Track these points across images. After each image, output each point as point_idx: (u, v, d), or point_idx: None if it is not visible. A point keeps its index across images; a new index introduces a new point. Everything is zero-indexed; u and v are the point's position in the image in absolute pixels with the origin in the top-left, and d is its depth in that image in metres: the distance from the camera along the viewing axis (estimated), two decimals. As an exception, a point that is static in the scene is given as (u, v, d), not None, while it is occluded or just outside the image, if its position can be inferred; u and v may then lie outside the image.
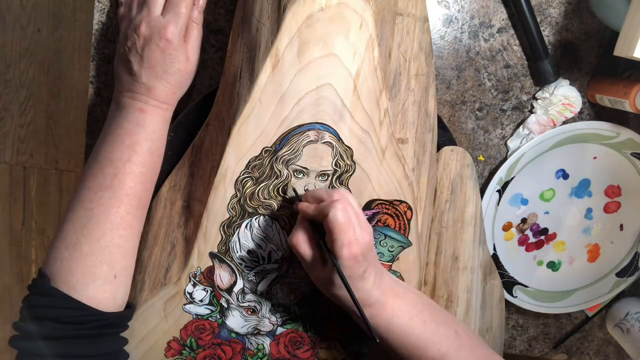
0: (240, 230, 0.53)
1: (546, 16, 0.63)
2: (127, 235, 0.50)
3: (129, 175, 0.50)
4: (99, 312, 0.48)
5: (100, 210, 0.49)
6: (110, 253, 0.49)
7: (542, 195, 0.69)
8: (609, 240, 0.73)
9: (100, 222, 0.49)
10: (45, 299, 0.47)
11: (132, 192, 0.50)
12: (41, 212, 1.58)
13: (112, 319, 0.49)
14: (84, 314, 0.47)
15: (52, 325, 0.46)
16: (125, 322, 0.52)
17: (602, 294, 0.73)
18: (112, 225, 0.49)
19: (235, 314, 0.56)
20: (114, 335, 0.51)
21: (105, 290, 0.49)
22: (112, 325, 0.50)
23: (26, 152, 1.55)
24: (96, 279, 0.48)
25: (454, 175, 0.60)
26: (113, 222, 0.49)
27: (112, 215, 0.49)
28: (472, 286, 0.61)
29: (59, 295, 0.47)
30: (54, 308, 0.47)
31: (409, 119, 0.54)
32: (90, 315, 0.48)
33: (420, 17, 0.53)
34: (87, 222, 0.49)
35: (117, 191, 0.50)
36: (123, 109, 0.52)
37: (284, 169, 0.51)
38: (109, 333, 0.50)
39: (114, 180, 0.50)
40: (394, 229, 0.55)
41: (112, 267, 0.49)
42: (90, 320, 0.48)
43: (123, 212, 0.50)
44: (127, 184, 0.50)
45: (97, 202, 0.49)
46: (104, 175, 0.50)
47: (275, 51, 0.47)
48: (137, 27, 0.51)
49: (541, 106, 0.64)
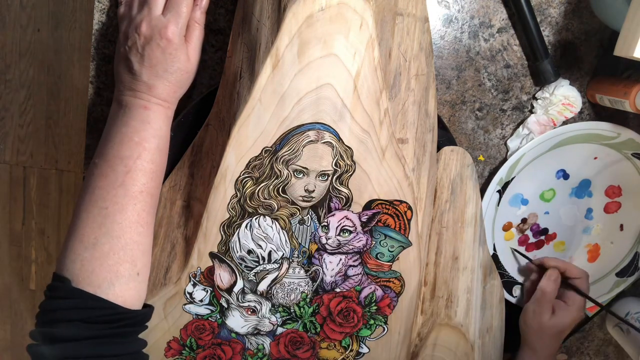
0: (240, 230, 0.53)
1: (546, 16, 0.63)
2: (145, 231, 0.50)
3: (141, 172, 0.50)
4: (128, 311, 0.48)
5: (116, 209, 0.49)
6: (132, 250, 0.49)
7: (542, 196, 0.69)
8: (609, 240, 0.73)
9: (117, 220, 0.49)
10: (71, 301, 0.46)
11: (146, 189, 0.50)
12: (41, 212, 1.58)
13: (139, 317, 0.50)
14: (113, 313, 0.47)
15: (82, 326, 0.46)
16: (147, 321, 0.52)
17: (602, 294, 0.73)
18: (129, 222, 0.49)
19: (235, 314, 0.56)
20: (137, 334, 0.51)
21: (130, 288, 0.49)
22: (138, 323, 0.50)
23: (26, 152, 1.55)
24: (120, 277, 0.48)
25: (454, 176, 0.60)
26: (130, 219, 0.49)
27: (129, 212, 0.49)
28: (472, 286, 0.61)
29: (85, 295, 0.47)
30: (82, 309, 0.46)
31: (409, 119, 0.54)
32: (120, 314, 0.47)
33: (420, 17, 0.53)
34: (104, 220, 0.48)
35: (131, 188, 0.49)
36: (126, 107, 0.52)
37: (284, 169, 0.51)
38: (136, 332, 0.50)
39: (126, 177, 0.49)
40: (394, 229, 0.55)
41: (134, 265, 0.49)
42: (120, 319, 0.47)
43: (139, 209, 0.50)
44: (140, 180, 0.50)
45: (112, 200, 0.49)
46: (116, 173, 0.49)
47: (275, 51, 0.47)
48: (138, 26, 0.51)
49: (541, 106, 0.64)
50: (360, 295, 0.57)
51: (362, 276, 0.56)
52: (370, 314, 0.58)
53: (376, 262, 0.56)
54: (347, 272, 0.56)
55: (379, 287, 0.57)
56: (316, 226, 0.54)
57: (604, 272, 0.74)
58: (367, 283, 0.57)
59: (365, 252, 0.55)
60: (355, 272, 0.56)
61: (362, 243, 0.55)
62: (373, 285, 0.57)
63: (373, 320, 0.58)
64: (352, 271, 0.56)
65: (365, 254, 0.55)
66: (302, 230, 0.54)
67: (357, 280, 0.56)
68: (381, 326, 0.59)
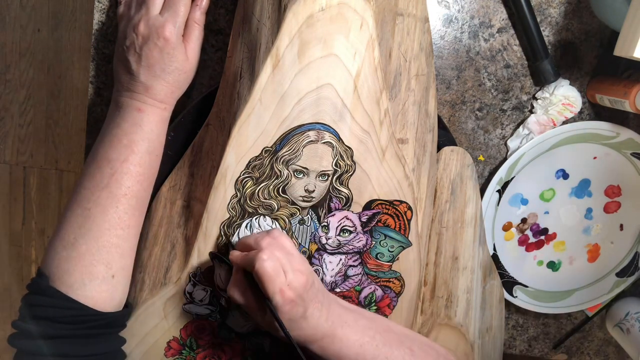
0: (240, 230, 0.53)
1: (546, 16, 0.63)
2: (125, 235, 0.50)
3: (126, 175, 0.50)
4: (96, 312, 0.48)
5: (98, 210, 0.49)
6: (108, 253, 0.49)
7: (542, 195, 0.69)
8: (609, 240, 0.73)
9: (97, 221, 0.49)
10: (43, 298, 0.47)
11: (130, 192, 0.50)
12: (41, 212, 1.58)
13: (109, 319, 0.49)
14: (81, 314, 0.47)
15: (50, 325, 0.46)
16: (123, 322, 0.52)
17: (602, 294, 0.73)
18: (109, 225, 0.49)
19: (235, 314, 0.56)
20: (112, 335, 0.51)
21: (103, 290, 0.49)
22: (109, 325, 0.50)
23: (26, 152, 1.55)
24: (93, 279, 0.48)
25: (454, 176, 0.60)
26: (111, 221, 0.49)
27: (110, 215, 0.49)
28: (472, 286, 0.61)
29: (57, 294, 0.47)
30: (51, 307, 0.47)
31: (409, 119, 0.54)
32: (87, 315, 0.48)
33: (420, 17, 0.53)
34: (85, 221, 0.49)
35: (115, 191, 0.50)
36: (121, 108, 0.52)
37: (284, 169, 0.51)
38: (107, 333, 0.50)
39: (111, 180, 0.50)
40: (394, 229, 0.55)
41: (109, 267, 0.49)
42: (88, 320, 0.48)
43: (121, 212, 0.50)
44: (125, 183, 0.50)
45: (95, 201, 0.49)
46: (102, 175, 0.50)
47: (275, 51, 0.47)
48: (136, 25, 0.51)
49: (541, 106, 0.64)
50: (360, 295, 0.57)
51: (362, 276, 0.56)
52: (370, 314, 0.58)
53: (376, 262, 0.56)
54: (347, 272, 0.56)
55: (379, 287, 0.57)
56: (316, 226, 0.54)
57: (604, 272, 0.74)
58: (367, 283, 0.57)
59: (365, 252, 0.55)
60: (355, 272, 0.56)
61: (362, 243, 0.55)
62: (373, 285, 0.57)
63: (373, 320, 0.58)
64: (352, 271, 0.56)
65: (365, 254, 0.56)
66: (302, 230, 0.54)
67: (357, 280, 0.56)
68: (381, 326, 0.59)
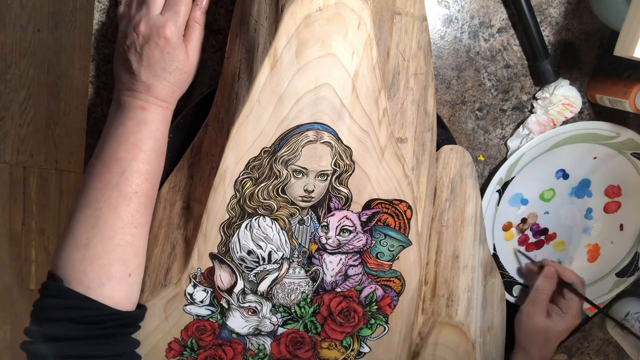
0: (240, 231, 0.53)
1: (546, 16, 0.63)
2: (138, 233, 0.50)
3: (136, 174, 0.50)
4: (117, 311, 0.48)
5: (110, 209, 0.49)
6: (124, 251, 0.49)
7: (542, 195, 0.69)
8: (609, 240, 0.73)
9: (110, 221, 0.49)
10: (61, 300, 0.47)
11: (140, 190, 0.50)
12: (41, 212, 1.58)
13: (128, 318, 0.49)
14: (101, 314, 0.47)
15: (70, 326, 0.46)
16: (139, 322, 0.52)
17: (602, 294, 0.73)
18: (122, 223, 0.49)
19: (236, 315, 0.56)
20: (129, 335, 0.51)
21: (121, 289, 0.49)
22: (128, 324, 0.50)
23: (26, 152, 1.55)
24: (111, 278, 0.48)
25: (453, 174, 0.60)
26: (124, 220, 0.49)
27: (122, 213, 0.49)
28: (473, 285, 0.61)
29: (75, 295, 0.47)
30: (70, 309, 0.47)
31: (408, 118, 0.54)
32: (108, 315, 0.47)
33: (418, 16, 0.53)
34: (97, 221, 0.48)
35: (125, 189, 0.50)
36: (124, 107, 0.52)
37: (283, 169, 0.51)
38: (125, 333, 0.50)
39: (121, 178, 0.49)
40: (394, 228, 0.55)
41: (126, 266, 0.49)
42: (108, 320, 0.47)
43: (133, 210, 0.50)
44: (135, 182, 0.50)
45: (106, 201, 0.49)
46: (111, 174, 0.50)
47: (273, 51, 0.47)
48: (137, 25, 0.51)
49: (541, 106, 0.64)
50: (360, 295, 0.57)
51: (363, 276, 0.56)
52: (371, 314, 0.58)
53: (376, 262, 0.56)
54: (347, 272, 0.56)
55: (380, 286, 0.57)
56: (316, 226, 0.54)
57: (604, 272, 0.73)
58: (368, 283, 0.57)
59: (366, 252, 0.55)
60: (355, 272, 0.56)
61: (362, 243, 0.55)
62: (373, 285, 0.57)
63: (374, 319, 0.58)
64: (352, 271, 0.56)
65: (365, 253, 0.55)
66: (302, 230, 0.54)
67: (357, 279, 0.56)
68: (382, 326, 0.59)
